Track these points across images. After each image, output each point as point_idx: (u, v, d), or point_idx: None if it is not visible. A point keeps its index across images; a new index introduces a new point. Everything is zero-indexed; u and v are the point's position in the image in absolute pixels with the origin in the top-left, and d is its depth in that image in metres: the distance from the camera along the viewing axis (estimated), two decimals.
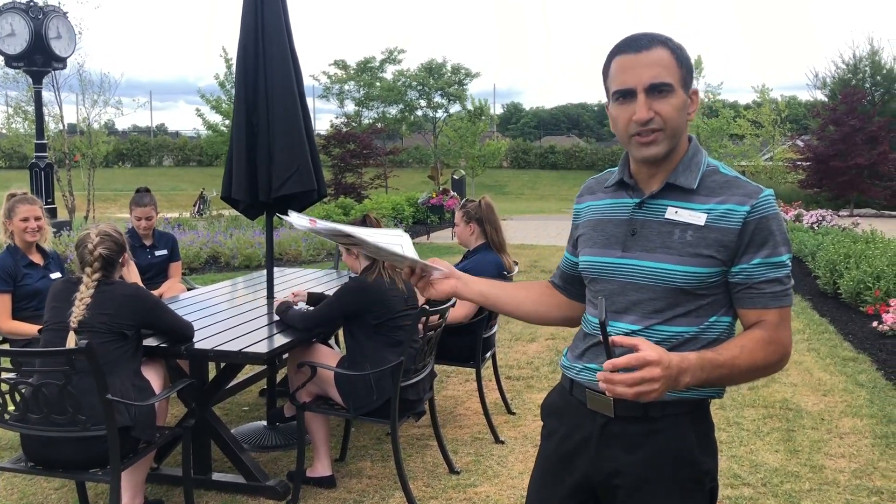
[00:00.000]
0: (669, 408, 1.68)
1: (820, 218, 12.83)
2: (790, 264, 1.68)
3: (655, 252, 1.68)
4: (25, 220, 4.34)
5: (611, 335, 1.52)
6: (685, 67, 1.67)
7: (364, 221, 3.78)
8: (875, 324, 6.82)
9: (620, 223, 1.75)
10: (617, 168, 1.82)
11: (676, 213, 1.67)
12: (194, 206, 24.55)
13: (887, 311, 6.83)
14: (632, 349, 1.51)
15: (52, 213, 11.76)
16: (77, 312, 3.07)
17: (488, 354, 4.73)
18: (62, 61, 11.98)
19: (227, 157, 4.31)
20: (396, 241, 1.93)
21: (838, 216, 13.48)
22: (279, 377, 4.97)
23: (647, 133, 1.64)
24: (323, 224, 1.89)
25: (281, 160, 4.13)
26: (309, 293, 4.12)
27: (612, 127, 1.73)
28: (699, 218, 1.65)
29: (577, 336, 1.87)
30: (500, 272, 4.43)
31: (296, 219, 1.96)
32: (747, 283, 1.66)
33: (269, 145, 4.14)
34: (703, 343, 1.70)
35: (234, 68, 21.37)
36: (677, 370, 1.52)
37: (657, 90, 1.63)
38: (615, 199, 1.79)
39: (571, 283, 1.97)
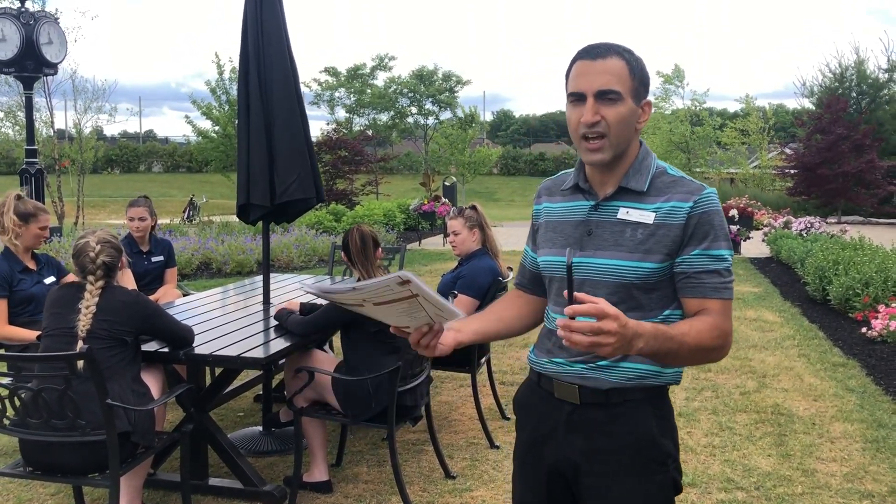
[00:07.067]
0: (630, 393, 1.80)
1: (808, 225, 12.91)
2: (730, 260, 1.78)
3: (608, 250, 1.78)
4: (44, 228, 4.37)
5: (576, 277, 1.58)
6: (638, 79, 1.77)
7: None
8: (864, 330, 6.90)
9: (577, 224, 1.86)
10: (572, 171, 1.93)
11: (628, 213, 1.79)
12: (184, 212, 24.50)
13: (876, 318, 6.90)
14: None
15: None
16: (84, 321, 3.08)
17: (483, 360, 4.76)
18: (53, 67, 11.96)
19: (241, 164, 4.24)
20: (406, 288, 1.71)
21: (826, 223, 13.55)
22: (275, 382, 4.98)
23: (594, 138, 1.75)
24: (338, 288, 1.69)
25: (285, 165, 4.14)
26: (301, 304, 4.12)
27: (568, 126, 1.84)
28: (648, 217, 1.77)
29: (542, 333, 1.96)
30: (496, 277, 4.46)
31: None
32: (687, 272, 1.77)
33: (272, 150, 4.14)
34: None
35: (225, 74, 21.35)
36: (632, 333, 1.57)
37: (605, 96, 1.73)
38: (571, 201, 1.89)
39: (541, 282, 2.01)
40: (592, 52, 1.76)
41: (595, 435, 1.81)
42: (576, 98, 1.77)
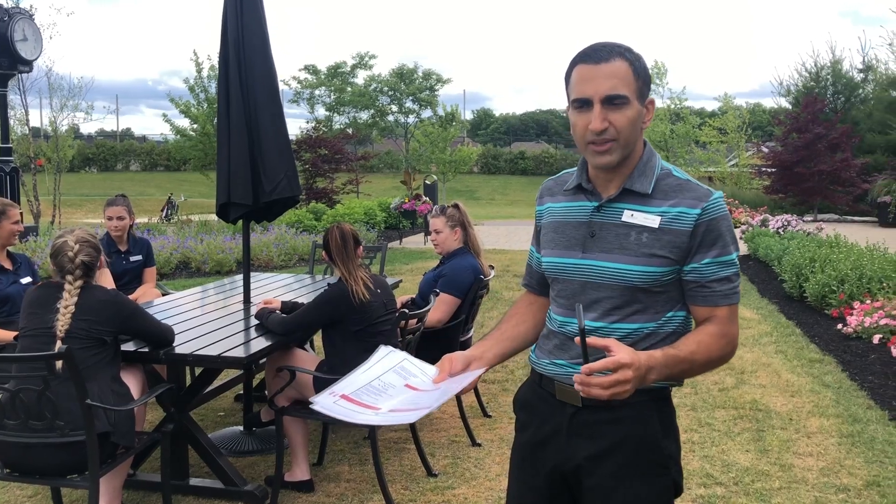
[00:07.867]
0: (634, 395, 1.71)
1: (785, 223, 13.05)
2: (738, 262, 1.79)
3: (613, 253, 1.76)
4: (16, 222, 4.32)
5: (588, 336, 1.57)
6: (642, 79, 1.73)
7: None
8: (840, 326, 6.99)
9: (580, 225, 1.82)
10: (574, 170, 1.90)
11: (632, 216, 1.76)
12: (162, 210, 24.32)
13: (851, 314, 7.00)
14: (604, 350, 1.59)
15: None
16: (63, 321, 3.05)
17: None
18: (28, 64, 11.78)
19: (221, 163, 4.23)
20: (406, 370, 1.83)
21: (803, 221, 13.70)
22: (256, 382, 4.96)
23: (602, 143, 1.72)
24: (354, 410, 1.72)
25: (273, 164, 4.14)
26: (283, 302, 4.12)
27: (571, 131, 1.80)
28: (653, 221, 1.74)
29: (543, 334, 1.94)
30: (478, 276, 4.47)
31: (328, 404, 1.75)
32: (699, 281, 1.76)
33: (255, 149, 4.13)
34: (662, 337, 1.79)
35: (204, 72, 21.19)
36: (646, 368, 1.61)
37: (613, 102, 1.69)
38: (574, 201, 1.86)
39: (548, 283, 1.98)
40: (595, 56, 1.70)
41: (598, 437, 1.79)
42: (581, 104, 1.72)
